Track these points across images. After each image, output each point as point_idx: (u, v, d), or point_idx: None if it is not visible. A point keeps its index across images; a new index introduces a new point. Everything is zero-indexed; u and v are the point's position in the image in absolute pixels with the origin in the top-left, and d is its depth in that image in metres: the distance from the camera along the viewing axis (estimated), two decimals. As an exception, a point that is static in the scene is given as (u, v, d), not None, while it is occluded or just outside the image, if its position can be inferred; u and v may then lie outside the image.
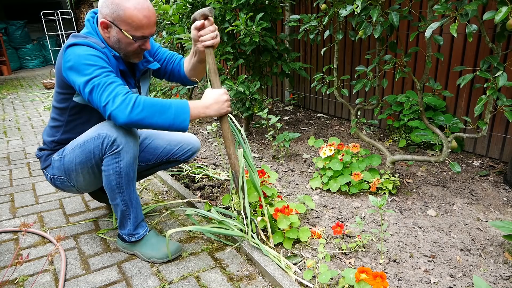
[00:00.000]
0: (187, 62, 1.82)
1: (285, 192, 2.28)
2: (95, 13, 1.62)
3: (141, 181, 2.59)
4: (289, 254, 1.67)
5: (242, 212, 1.73)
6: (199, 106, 1.52)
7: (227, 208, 2.07)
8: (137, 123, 1.41)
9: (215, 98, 1.56)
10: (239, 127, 1.81)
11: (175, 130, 1.47)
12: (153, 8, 1.54)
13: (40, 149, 1.76)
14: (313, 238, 1.76)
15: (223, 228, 1.77)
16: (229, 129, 1.65)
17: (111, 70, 1.47)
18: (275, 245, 1.73)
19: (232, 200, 1.96)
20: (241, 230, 1.74)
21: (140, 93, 1.76)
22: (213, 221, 1.87)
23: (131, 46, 1.56)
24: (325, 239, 1.77)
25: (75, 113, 1.63)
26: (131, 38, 1.52)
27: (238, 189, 1.72)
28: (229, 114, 1.73)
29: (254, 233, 1.71)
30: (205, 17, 1.55)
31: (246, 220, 1.70)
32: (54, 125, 1.69)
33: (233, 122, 1.81)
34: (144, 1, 1.50)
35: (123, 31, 1.50)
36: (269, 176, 1.97)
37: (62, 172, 1.67)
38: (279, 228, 1.75)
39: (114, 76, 1.45)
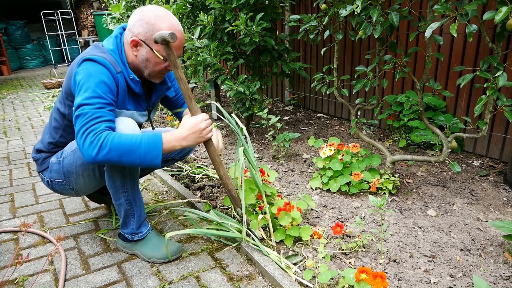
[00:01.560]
0: None
1: (285, 192, 2.28)
2: (124, 29, 1.61)
3: (141, 181, 2.59)
4: (290, 253, 1.67)
5: (242, 225, 1.74)
6: (173, 138, 1.46)
7: (227, 208, 2.07)
8: (105, 163, 1.38)
9: (190, 127, 1.49)
10: (242, 125, 1.80)
11: (147, 167, 1.42)
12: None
13: (37, 151, 1.74)
14: (313, 238, 1.76)
15: (222, 230, 1.77)
16: (215, 151, 1.60)
17: (109, 103, 1.44)
18: (276, 242, 1.73)
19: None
20: (240, 232, 1.75)
21: (149, 117, 1.76)
22: (212, 222, 1.87)
23: (158, 66, 1.56)
24: (325, 239, 1.77)
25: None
26: (162, 58, 1.52)
27: (234, 205, 1.72)
28: (233, 114, 1.72)
29: (253, 233, 1.71)
30: (166, 43, 1.42)
31: (244, 228, 1.71)
32: (55, 125, 1.68)
33: (235, 120, 1.81)
34: (177, 23, 1.52)
35: (154, 50, 1.51)
36: (268, 175, 1.98)
37: (61, 175, 1.66)
38: (281, 226, 1.75)
39: (106, 110, 1.42)
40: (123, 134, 1.39)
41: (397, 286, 1.47)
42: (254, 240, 1.68)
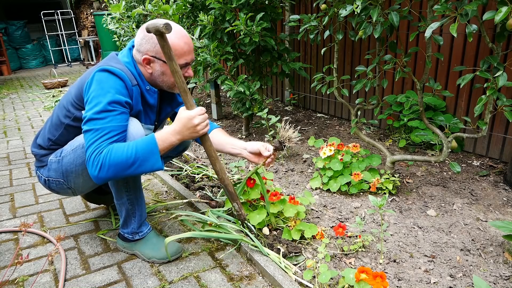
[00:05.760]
0: None
1: (285, 192, 2.28)
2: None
3: (141, 180, 2.59)
4: (294, 252, 1.67)
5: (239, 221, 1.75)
6: (168, 136, 1.45)
7: (229, 209, 2.07)
8: (109, 180, 1.42)
9: (183, 123, 1.46)
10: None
11: (150, 172, 1.43)
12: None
13: (37, 145, 1.71)
14: (314, 238, 1.76)
15: (221, 232, 1.78)
16: (211, 146, 1.59)
17: (122, 112, 1.44)
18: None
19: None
20: (241, 232, 1.75)
21: (155, 131, 1.73)
22: (208, 224, 1.87)
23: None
24: (327, 238, 1.77)
25: (77, 122, 1.58)
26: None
27: (230, 200, 1.72)
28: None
29: (249, 227, 1.71)
30: (160, 34, 1.34)
31: (242, 225, 1.71)
32: (56, 122, 1.64)
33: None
34: (181, 29, 1.52)
35: (167, 62, 1.49)
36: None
37: (60, 174, 1.63)
38: (283, 221, 1.77)
39: (116, 123, 1.42)
40: (118, 150, 1.37)
41: (397, 286, 1.47)
42: (253, 241, 1.68)
